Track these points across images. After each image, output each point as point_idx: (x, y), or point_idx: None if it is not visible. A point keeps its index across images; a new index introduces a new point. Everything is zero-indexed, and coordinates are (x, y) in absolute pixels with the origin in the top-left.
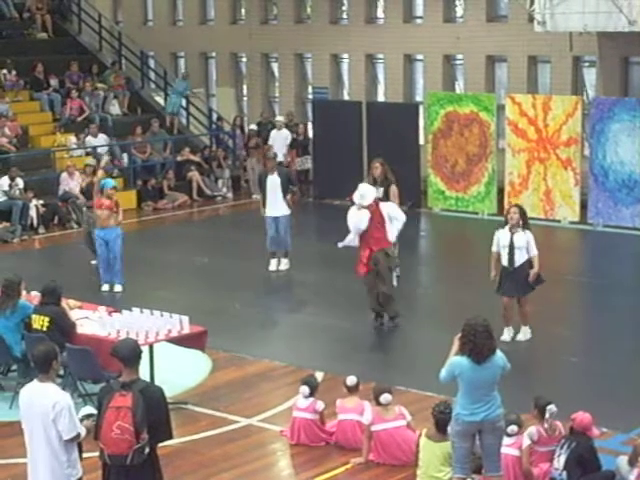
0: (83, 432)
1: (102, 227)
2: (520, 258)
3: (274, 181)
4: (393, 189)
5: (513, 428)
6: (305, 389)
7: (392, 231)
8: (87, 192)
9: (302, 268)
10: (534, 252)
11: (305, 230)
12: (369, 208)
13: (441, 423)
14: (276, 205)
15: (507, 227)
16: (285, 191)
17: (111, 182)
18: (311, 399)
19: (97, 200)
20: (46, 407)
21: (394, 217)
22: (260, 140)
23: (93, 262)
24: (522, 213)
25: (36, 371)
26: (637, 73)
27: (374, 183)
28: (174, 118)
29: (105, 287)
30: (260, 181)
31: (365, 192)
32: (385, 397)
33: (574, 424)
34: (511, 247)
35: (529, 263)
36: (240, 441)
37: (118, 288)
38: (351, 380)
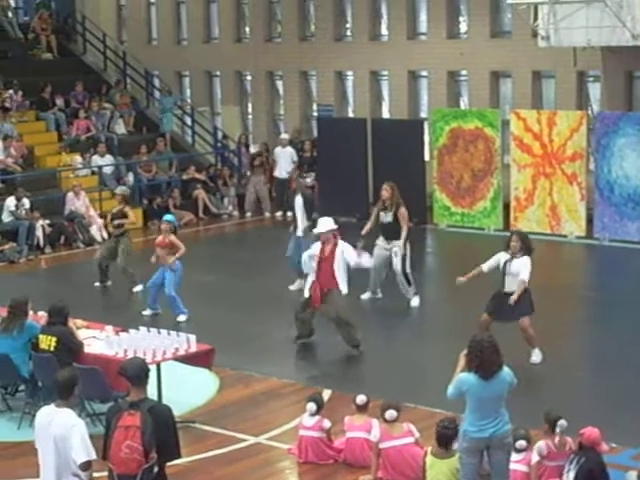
0: (94, 458)
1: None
2: (511, 285)
3: (298, 202)
4: (402, 211)
5: (522, 443)
6: (312, 406)
7: (342, 279)
8: (117, 217)
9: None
10: (522, 277)
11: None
12: (325, 240)
13: (442, 438)
14: (300, 225)
15: (509, 252)
16: (308, 212)
17: (167, 216)
18: (317, 417)
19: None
20: (62, 432)
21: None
22: (264, 159)
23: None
24: (522, 240)
25: (55, 395)
26: None
27: (383, 207)
28: (171, 136)
29: (147, 312)
30: (289, 200)
31: (321, 221)
32: (390, 413)
33: (583, 439)
34: (504, 273)
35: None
36: (248, 460)
37: (181, 318)
38: (361, 399)
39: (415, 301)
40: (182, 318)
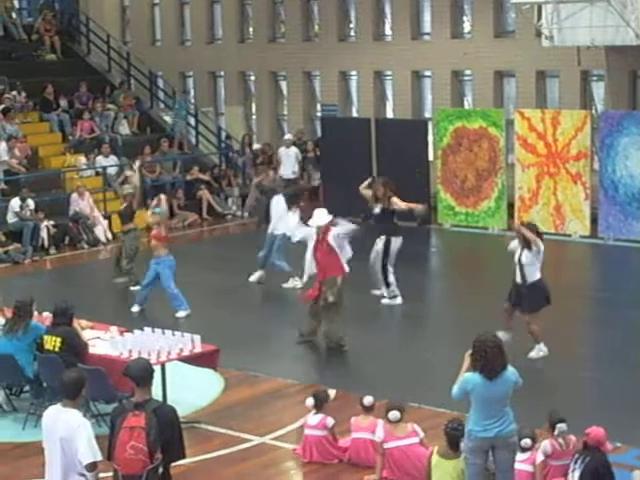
0: (99, 459)
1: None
2: (530, 277)
3: (279, 201)
4: (394, 200)
5: (527, 441)
6: (310, 400)
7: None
8: (124, 216)
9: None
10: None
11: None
12: (325, 231)
13: (454, 440)
14: (277, 223)
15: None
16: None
17: (157, 209)
18: (321, 416)
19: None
20: (68, 432)
21: (343, 234)
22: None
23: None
24: (524, 232)
25: (61, 395)
26: None
27: (376, 201)
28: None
29: (135, 308)
30: (266, 200)
31: (316, 213)
32: (393, 414)
33: (588, 439)
34: (520, 264)
35: (540, 282)
36: (253, 460)
37: (180, 314)
38: (368, 400)
39: (388, 300)
40: (181, 314)
